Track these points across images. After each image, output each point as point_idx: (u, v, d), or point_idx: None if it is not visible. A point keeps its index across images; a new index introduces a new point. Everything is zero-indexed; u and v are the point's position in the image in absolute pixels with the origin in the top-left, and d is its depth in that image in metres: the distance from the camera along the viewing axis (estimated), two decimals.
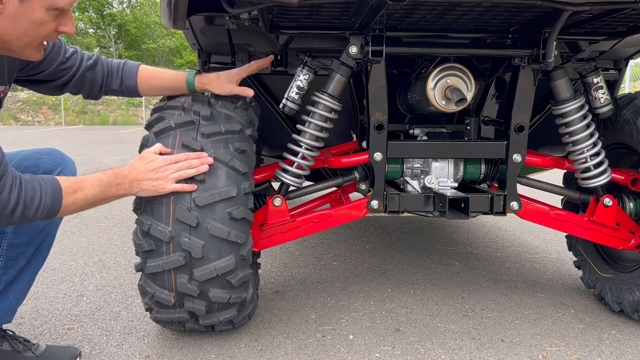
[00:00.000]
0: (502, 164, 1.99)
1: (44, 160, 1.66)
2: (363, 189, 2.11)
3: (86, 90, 1.79)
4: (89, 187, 1.47)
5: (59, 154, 1.72)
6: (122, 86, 1.82)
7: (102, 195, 1.50)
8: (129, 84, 1.82)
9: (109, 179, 1.52)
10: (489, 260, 2.93)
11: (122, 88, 1.82)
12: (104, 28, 31.05)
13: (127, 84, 1.82)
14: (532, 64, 1.84)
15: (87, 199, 1.47)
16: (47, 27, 1.32)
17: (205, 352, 1.82)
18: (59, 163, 1.68)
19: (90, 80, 1.76)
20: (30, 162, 1.64)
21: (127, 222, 3.81)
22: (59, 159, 1.69)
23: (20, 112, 23.39)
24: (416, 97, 2.02)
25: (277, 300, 2.30)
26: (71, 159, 1.75)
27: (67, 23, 1.36)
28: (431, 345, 1.88)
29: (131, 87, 1.83)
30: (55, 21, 1.32)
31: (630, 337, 1.97)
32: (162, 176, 1.58)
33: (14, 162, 1.63)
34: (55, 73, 1.68)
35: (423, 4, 1.54)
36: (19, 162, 1.64)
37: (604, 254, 2.29)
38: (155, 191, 1.59)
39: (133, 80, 1.82)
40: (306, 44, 2.06)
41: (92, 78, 1.76)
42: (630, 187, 2.07)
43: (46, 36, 1.35)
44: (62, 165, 1.68)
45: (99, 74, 1.77)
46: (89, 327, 2.01)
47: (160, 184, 1.58)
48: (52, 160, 1.67)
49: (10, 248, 1.62)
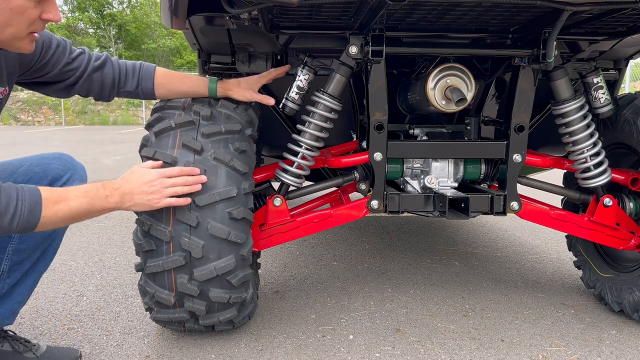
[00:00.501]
0: (502, 164, 1.99)
1: (54, 166, 1.64)
2: (363, 189, 2.11)
3: (96, 91, 1.75)
4: (73, 198, 1.40)
5: (69, 159, 1.69)
6: (138, 88, 1.78)
7: (88, 208, 1.43)
8: (145, 87, 1.78)
9: (97, 191, 1.45)
10: (489, 260, 2.93)
11: (138, 90, 1.79)
12: (104, 28, 31.04)
13: (144, 86, 1.78)
14: (532, 64, 1.84)
15: (72, 211, 1.40)
16: (30, 14, 1.28)
17: (205, 352, 1.82)
18: (68, 168, 1.66)
19: (99, 81, 1.72)
20: (40, 168, 1.63)
21: (127, 222, 3.81)
22: (68, 164, 1.67)
23: (20, 112, 23.39)
24: (416, 97, 2.02)
25: (277, 300, 2.30)
26: (81, 164, 1.72)
27: (51, 10, 1.32)
28: (431, 345, 1.88)
29: (148, 90, 1.79)
30: (37, 8, 1.28)
31: (630, 337, 1.97)
32: (156, 190, 1.54)
33: (23, 169, 1.62)
34: (61, 74, 1.65)
35: (423, 4, 1.54)
36: (28, 168, 1.62)
37: (604, 254, 2.29)
38: (149, 205, 1.54)
39: (150, 82, 1.78)
40: (306, 44, 2.06)
41: (101, 79, 1.72)
42: (630, 187, 2.07)
43: (31, 24, 1.30)
44: (71, 170, 1.66)
45: (108, 75, 1.73)
46: (89, 327, 2.01)
47: (155, 198, 1.54)
48: (62, 165, 1.65)
49: (16, 252, 1.61)
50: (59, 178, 1.63)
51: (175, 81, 1.82)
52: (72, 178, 1.65)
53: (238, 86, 1.86)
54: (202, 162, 1.64)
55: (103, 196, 1.46)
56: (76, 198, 1.40)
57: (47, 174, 1.62)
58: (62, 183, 1.63)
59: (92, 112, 23.91)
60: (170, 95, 1.83)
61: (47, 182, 1.62)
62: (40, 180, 1.61)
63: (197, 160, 1.64)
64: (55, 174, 1.63)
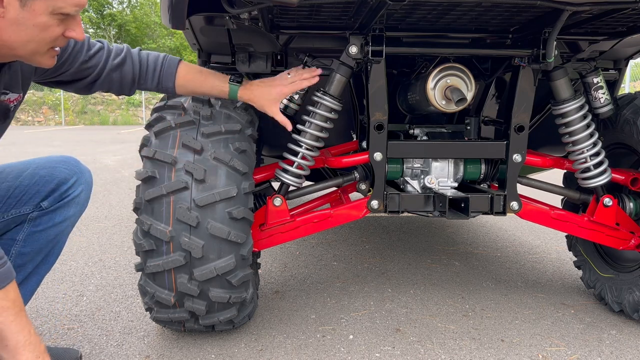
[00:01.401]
0: (502, 164, 1.99)
1: (60, 169, 1.64)
2: (363, 189, 2.11)
3: (115, 89, 1.71)
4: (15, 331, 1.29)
5: (75, 162, 1.68)
6: (159, 86, 1.73)
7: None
8: (166, 86, 1.74)
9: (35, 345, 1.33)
10: (489, 260, 2.93)
11: (159, 88, 1.74)
12: (104, 28, 31.05)
13: (165, 85, 1.73)
14: (532, 64, 1.84)
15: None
16: (53, 31, 1.25)
17: (205, 352, 1.82)
18: (74, 172, 1.65)
19: (117, 80, 1.68)
20: (46, 172, 1.62)
21: (127, 222, 3.81)
22: (75, 167, 1.67)
23: (20, 112, 23.39)
24: (416, 97, 2.02)
25: (277, 300, 2.30)
26: (87, 169, 1.71)
27: (75, 28, 1.29)
28: (431, 345, 1.88)
29: (169, 90, 1.75)
30: (61, 26, 1.26)
31: (630, 337, 1.97)
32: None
33: (29, 172, 1.62)
34: (77, 72, 1.61)
35: (423, 4, 1.54)
36: (34, 171, 1.62)
37: (604, 254, 2.29)
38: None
39: (171, 82, 1.73)
40: (306, 44, 2.06)
41: (119, 78, 1.68)
42: (630, 187, 2.07)
43: (53, 41, 1.28)
44: (77, 174, 1.66)
45: (128, 73, 1.68)
46: (89, 327, 2.01)
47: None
48: (68, 169, 1.65)
49: (19, 256, 1.61)
50: (64, 182, 1.63)
51: (197, 82, 1.75)
52: (78, 182, 1.65)
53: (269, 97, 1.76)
54: (202, 162, 1.64)
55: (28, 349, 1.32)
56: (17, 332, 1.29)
57: (53, 178, 1.62)
58: (67, 187, 1.63)
59: (92, 112, 23.91)
60: (190, 94, 1.80)
61: (53, 185, 1.61)
62: (46, 184, 1.61)
63: (197, 160, 1.64)
64: (61, 177, 1.62)
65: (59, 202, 1.63)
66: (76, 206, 1.67)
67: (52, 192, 1.62)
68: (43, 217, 1.62)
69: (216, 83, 1.75)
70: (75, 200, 1.66)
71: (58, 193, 1.62)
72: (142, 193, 1.65)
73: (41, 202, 1.61)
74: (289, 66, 2.19)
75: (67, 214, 1.65)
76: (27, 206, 1.61)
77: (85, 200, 1.70)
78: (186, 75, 1.74)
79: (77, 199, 1.66)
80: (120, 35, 30.95)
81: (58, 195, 1.62)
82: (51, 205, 1.62)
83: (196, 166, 1.62)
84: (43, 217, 1.62)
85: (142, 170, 1.67)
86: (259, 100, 1.77)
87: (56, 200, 1.62)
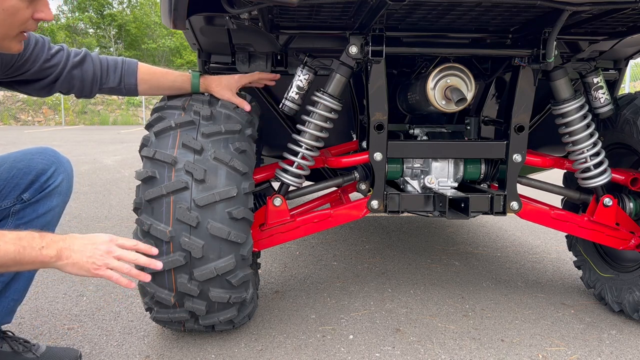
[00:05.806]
0: (502, 164, 1.99)
1: (37, 161, 1.62)
2: (363, 189, 2.11)
3: (76, 89, 1.72)
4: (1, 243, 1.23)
5: (53, 152, 1.67)
6: (120, 84, 1.76)
7: (17, 257, 1.25)
8: (128, 83, 1.77)
9: (31, 240, 1.27)
10: (489, 260, 2.93)
11: (121, 86, 1.77)
12: (104, 28, 31.07)
13: (127, 82, 1.77)
14: (532, 64, 1.84)
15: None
16: (22, 14, 1.26)
17: (205, 352, 1.82)
18: (52, 162, 1.64)
19: (79, 78, 1.70)
20: (23, 164, 1.61)
21: (127, 222, 3.81)
22: (52, 157, 1.65)
23: (20, 112, 23.40)
24: (416, 97, 2.02)
25: (277, 300, 2.30)
26: (67, 159, 1.71)
27: (43, 9, 1.30)
28: (431, 345, 1.89)
29: (131, 86, 1.78)
30: (30, 8, 1.27)
31: (630, 337, 1.97)
32: (100, 255, 1.34)
33: (6, 166, 1.60)
34: (40, 72, 1.62)
35: (423, 4, 1.54)
36: (11, 164, 1.61)
37: (604, 254, 2.29)
38: (87, 269, 1.32)
39: (133, 79, 1.78)
40: (306, 44, 2.06)
41: (80, 76, 1.70)
42: (630, 187, 2.07)
43: (22, 24, 1.29)
44: (56, 164, 1.65)
45: (88, 72, 1.71)
46: (89, 327, 2.01)
47: (96, 262, 1.33)
48: (45, 160, 1.63)
49: None
50: (43, 172, 1.61)
51: (158, 77, 1.82)
52: (57, 172, 1.64)
53: (219, 84, 1.84)
54: (202, 162, 1.64)
55: (37, 246, 1.28)
56: (4, 244, 1.23)
57: (31, 169, 1.60)
58: (46, 177, 1.62)
59: (92, 112, 23.91)
60: (153, 91, 1.84)
61: (31, 177, 1.60)
62: (24, 176, 1.60)
63: (197, 160, 1.64)
64: (39, 168, 1.61)
65: (39, 193, 1.62)
66: (59, 196, 1.66)
67: (31, 184, 1.61)
68: (26, 209, 1.61)
69: (177, 77, 1.83)
70: (56, 190, 1.65)
71: (38, 184, 1.61)
72: (142, 193, 1.65)
73: (22, 194, 1.60)
74: (289, 66, 2.19)
75: (50, 204, 1.64)
76: (7, 200, 1.60)
77: (67, 189, 1.69)
78: (148, 70, 1.81)
79: (58, 189, 1.65)
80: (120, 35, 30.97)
81: (38, 186, 1.61)
82: (32, 196, 1.61)
83: (196, 166, 1.62)
84: (26, 209, 1.61)
85: (142, 170, 1.67)
86: (217, 88, 1.85)
87: (37, 191, 1.61)
